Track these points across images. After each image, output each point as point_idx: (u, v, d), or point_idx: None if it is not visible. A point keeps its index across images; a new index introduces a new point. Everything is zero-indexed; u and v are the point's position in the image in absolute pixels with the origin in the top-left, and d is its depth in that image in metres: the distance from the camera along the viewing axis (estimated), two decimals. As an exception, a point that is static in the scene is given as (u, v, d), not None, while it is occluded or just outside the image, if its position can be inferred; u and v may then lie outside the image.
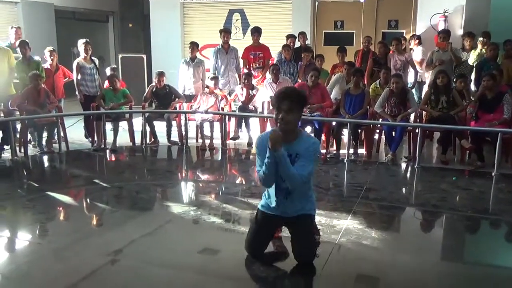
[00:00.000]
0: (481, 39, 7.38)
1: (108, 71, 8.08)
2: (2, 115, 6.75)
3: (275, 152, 3.02)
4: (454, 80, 7.10)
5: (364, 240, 3.75)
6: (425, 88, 7.83)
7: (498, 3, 8.63)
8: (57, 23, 11.58)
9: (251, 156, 6.81)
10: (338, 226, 4.00)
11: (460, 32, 8.84)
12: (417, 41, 8.41)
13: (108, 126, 7.20)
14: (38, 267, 3.33)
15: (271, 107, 7.54)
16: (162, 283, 3.06)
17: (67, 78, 7.73)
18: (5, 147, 6.51)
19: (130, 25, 12.06)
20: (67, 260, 3.40)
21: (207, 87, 7.46)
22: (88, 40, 7.57)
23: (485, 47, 7.25)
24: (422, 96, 7.26)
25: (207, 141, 7.16)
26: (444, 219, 4.58)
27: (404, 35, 9.49)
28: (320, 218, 4.13)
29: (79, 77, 7.44)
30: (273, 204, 3.28)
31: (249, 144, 7.30)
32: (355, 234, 3.86)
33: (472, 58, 7.42)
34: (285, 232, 3.52)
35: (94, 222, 4.36)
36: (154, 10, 11.42)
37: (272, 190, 3.28)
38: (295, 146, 3.15)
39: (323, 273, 3.10)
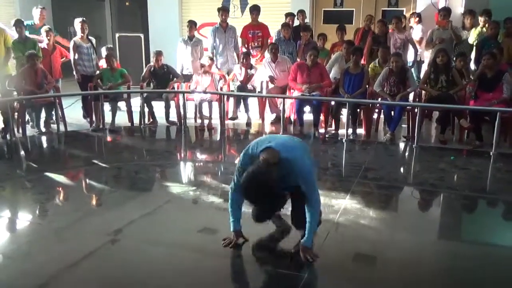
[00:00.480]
0: (482, 18, 7.30)
1: (104, 51, 8.00)
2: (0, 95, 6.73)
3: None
4: (454, 59, 7.05)
5: (362, 220, 3.78)
6: (424, 67, 7.79)
7: (499, -20, 8.51)
8: (52, 2, 11.43)
9: (249, 136, 6.81)
10: (336, 206, 4.03)
11: (460, 10, 8.73)
12: (417, 19, 8.34)
13: (106, 106, 7.18)
14: (39, 247, 3.35)
15: (269, 87, 7.52)
16: (162, 262, 3.09)
17: (64, 58, 7.67)
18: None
19: (127, 4, 11.90)
20: (67, 240, 3.43)
21: (202, 66, 7.40)
22: (84, 19, 7.49)
23: (486, 25, 7.18)
24: (421, 75, 7.22)
25: (206, 121, 7.15)
26: (442, 198, 4.60)
27: (404, 13, 9.39)
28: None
29: (76, 56, 7.38)
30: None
31: (248, 124, 7.29)
32: (353, 213, 3.89)
33: (472, 36, 7.36)
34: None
35: (94, 202, 4.38)
36: (152, -12, 11.27)
37: None
38: (290, 179, 2.97)
39: (321, 252, 3.13)
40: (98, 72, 7.47)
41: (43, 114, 6.97)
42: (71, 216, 3.89)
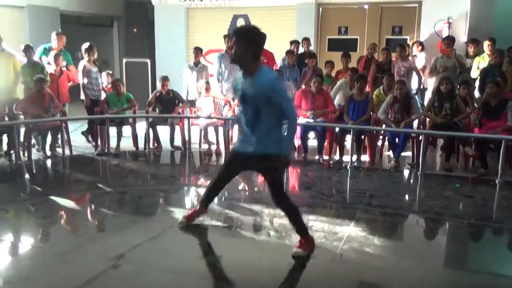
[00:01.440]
0: (487, 42, 7.37)
1: (104, 76, 8.06)
2: (7, 118, 6.79)
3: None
4: (458, 87, 7.09)
5: (367, 247, 3.75)
6: (428, 95, 7.83)
7: (502, 10, 8.64)
8: (62, 27, 11.64)
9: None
10: (340, 233, 4.00)
11: (464, 38, 8.84)
12: (420, 47, 8.42)
13: (112, 130, 7.22)
14: (40, 271, 3.33)
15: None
16: (164, 288, 3.06)
17: (71, 82, 7.76)
18: (11, 151, 6.54)
19: (135, 30, 12.11)
20: (69, 264, 3.41)
21: (199, 91, 7.48)
22: (93, 44, 7.61)
23: (489, 53, 7.26)
24: (425, 103, 7.26)
25: (213, 147, 7.16)
26: (447, 226, 4.56)
27: (408, 41, 9.50)
28: (323, 225, 4.13)
29: (85, 81, 7.47)
30: (237, 144, 3.70)
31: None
32: (358, 241, 3.86)
33: (475, 64, 7.42)
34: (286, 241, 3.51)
35: (97, 226, 4.37)
36: (159, 15, 11.48)
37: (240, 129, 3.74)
38: (253, 82, 3.36)
39: (325, 280, 3.10)
40: (104, 96, 7.55)
41: (48, 138, 7.01)
42: (74, 240, 3.87)
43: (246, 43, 3.34)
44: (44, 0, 10.98)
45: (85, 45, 7.57)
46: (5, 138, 6.67)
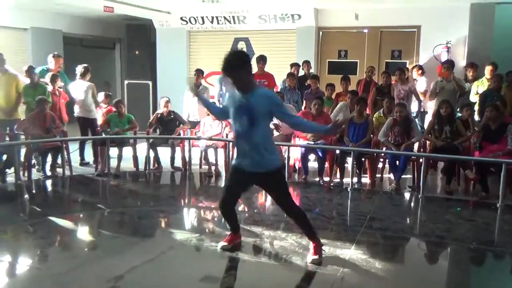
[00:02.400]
0: (489, 67, 7.43)
1: (101, 96, 8.10)
2: (7, 139, 6.80)
3: None
4: (458, 110, 7.13)
5: (368, 271, 3.71)
6: (428, 118, 7.86)
7: (500, 34, 8.74)
8: (64, 49, 11.76)
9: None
10: (341, 256, 3.96)
11: (462, 63, 8.92)
12: (420, 71, 8.49)
13: (113, 151, 7.23)
14: (38, 293, 3.29)
15: (274, 134, 7.57)
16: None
17: (64, 101, 7.88)
18: (8, 170, 6.52)
19: (137, 52, 12.23)
20: (66, 286, 3.38)
21: (208, 114, 7.47)
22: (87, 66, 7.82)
23: (489, 77, 7.32)
24: (425, 126, 7.28)
25: (213, 168, 7.16)
26: (449, 250, 4.53)
27: (407, 65, 9.59)
28: (324, 248, 4.09)
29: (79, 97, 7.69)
30: (236, 161, 3.78)
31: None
32: (359, 264, 3.82)
33: (474, 89, 7.48)
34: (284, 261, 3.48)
35: (95, 247, 4.33)
36: (161, 38, 11.61)
37: (236, 147, 3.82)
38: (252, 95, 3.57)
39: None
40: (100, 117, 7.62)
41: (49, 158, 7.01)
42: (72, 262, 3.83)
43: (244, 67, 3.56)
44: (48, 23, 11.12)
45: (80, 68, 7.79)
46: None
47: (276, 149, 3.76)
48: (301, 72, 8.89)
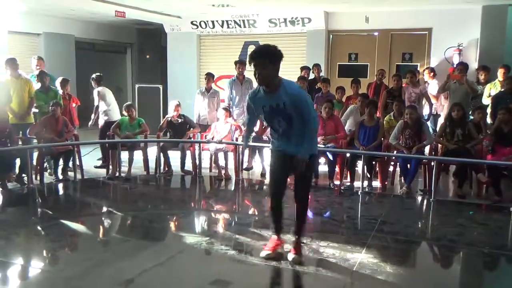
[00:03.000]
0: (502, 70, 7.36)
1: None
2: (20, 143, 6.87)
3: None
4: (470, 112, 7.05)
5: (379, 275, 3.67)
6: (440, 121, 7.79)
7: (513, 37, 8.66)
8: (77, 54, 11.89)
9: (264, 187, 6.78)
10: (352, 260, 3.93)
11: (474, 65, 8.84)
12: (432, 73, 8.41)
13: (124, 154, 7.27)
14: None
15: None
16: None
17: (75, 105, 7.95)
18: (23, 175, 6.61)
19: (148, 57, 12.32)
20: (78, 289, 3.39)
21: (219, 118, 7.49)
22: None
23: (502, 79, 7.25)
24: (437, 129, 7.22)
25: (223, 171, 7.16)
26: (462, 254, 4.48)
27: (418, 68, 9.53)
28: (334, 251, 4.07)
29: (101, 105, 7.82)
30: (276, 144, 3.87)
31: (263, 174, 7.28)
32: (370, 268, 3.79)
33: (486, 91, 7.40)
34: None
35: (106, 251, 4.35)
36: (172, 42, 11.68)
37: (273, 134, 3.88)
38: (280, 96, 3.59)
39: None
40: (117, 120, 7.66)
41: (61, 162, 7.06)
42: (83, 265, 3.85)
43: (275, 62, 3.56)
44: (60, 28, 11.26)
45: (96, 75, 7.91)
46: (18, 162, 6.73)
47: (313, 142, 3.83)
48: (311, 76, 8.87)
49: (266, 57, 3.53)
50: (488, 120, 7.20)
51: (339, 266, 3.78)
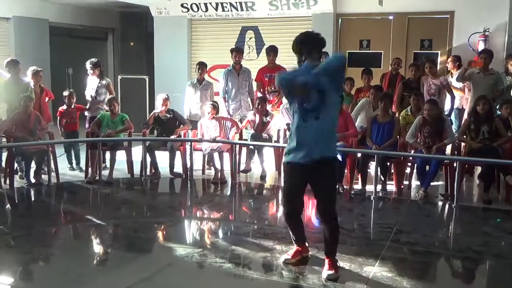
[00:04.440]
0: None
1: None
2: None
3: None
4: (497, 107, 7.05)
5: (394, 291, 3.69)
6: (465, 116, 7.79)
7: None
8: (51, 40, 11.88)
9: (264, 191, 6.79)
10: (364, 274, 3.95)
11: (502, 54, 8.84)
12: (457, 63, 8.33)
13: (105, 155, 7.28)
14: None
15: (287, 136, 7.55)
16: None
17: (48, 99, 7.93)
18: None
19: (132, 44, 12.32)
20: (54, 307, 3.39)
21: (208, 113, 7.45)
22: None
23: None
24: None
25: (215, 173, 7.18)
26: (488, 267, 4.50)
27: (438, 56, 9.53)
28: (344, 264, 4.08)
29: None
30: (294, 144, 3.77)
31: (262, 177, 7.29)
32: (384, 283, 3.81)
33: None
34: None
35: (86, 264, 4.35)
36: (159, 28, 11.66)
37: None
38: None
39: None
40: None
41: (33, 164, 7.06)
42: (59, 280, 3.86)
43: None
44: (32, 11, 11.23)
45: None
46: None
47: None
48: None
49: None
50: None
51: (349, 281, 3.79)
